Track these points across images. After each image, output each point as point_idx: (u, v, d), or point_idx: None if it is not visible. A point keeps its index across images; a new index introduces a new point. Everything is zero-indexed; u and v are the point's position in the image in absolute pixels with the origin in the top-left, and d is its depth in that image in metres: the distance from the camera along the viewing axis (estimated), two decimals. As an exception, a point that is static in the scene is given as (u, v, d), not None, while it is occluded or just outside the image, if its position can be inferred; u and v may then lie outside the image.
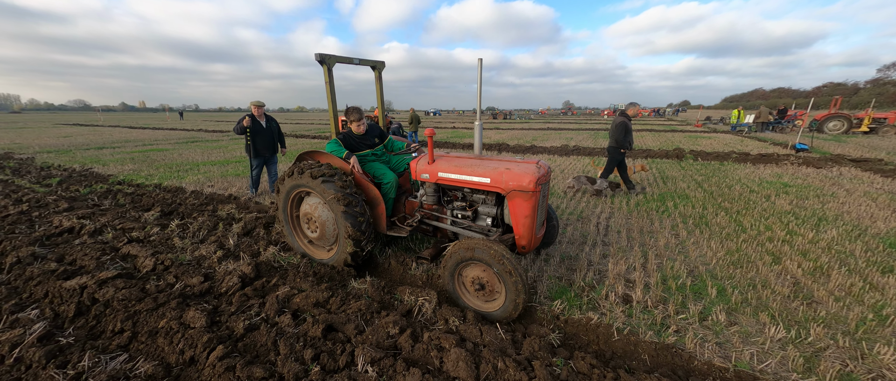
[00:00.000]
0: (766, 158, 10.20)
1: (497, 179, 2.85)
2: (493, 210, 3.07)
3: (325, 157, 3.48)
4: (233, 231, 4.40)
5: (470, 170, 2.99)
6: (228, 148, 14.51)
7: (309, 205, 3.44)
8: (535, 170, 2.81)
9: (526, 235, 2.88)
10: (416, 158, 3.37)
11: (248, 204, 5.91)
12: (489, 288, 2.70)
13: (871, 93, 54.40)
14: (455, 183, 3.08)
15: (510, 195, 2.82)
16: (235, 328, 2.44)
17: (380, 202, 3.30)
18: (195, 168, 9.55)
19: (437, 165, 3.16)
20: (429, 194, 3.34)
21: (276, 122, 6.34)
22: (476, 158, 3.18)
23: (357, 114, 3.46)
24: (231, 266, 3.35)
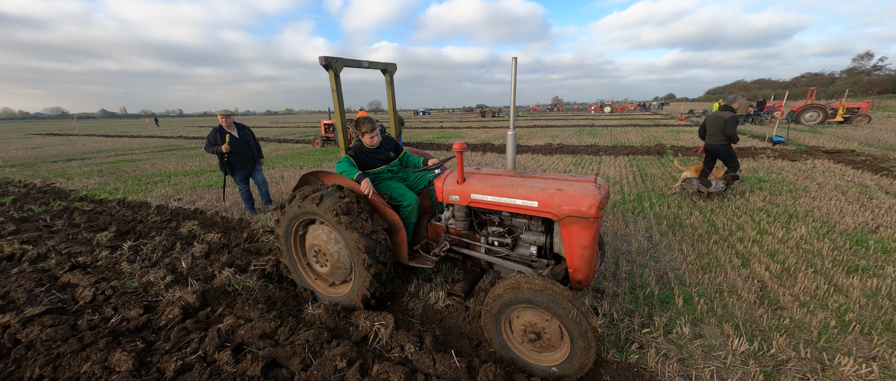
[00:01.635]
0: (743, 152, 10.32)
1: (547, 203, 2.35)
2: (541, 238, 2.59)
3: (333, 177, 3.02)
4: (190, 252, 4.17)
5: (511, 191, 2.48)
6: (206, 156, 14.08)
7: (316, 234, 2.96)
8: (595, 191, 2.28)
9: (583, 268, 2.38)
10: (440, 176, 2.89)
11: (213, 219, 5.67)
12: (546, 338, 2.22)
13: (846, 82, 56.14)
14: (492, 206, 2.60)
15: (564, 222, 2.31)
16: (166, 370, 2.25)
17: (400, 228, 2.85)
18: (165, 180, 9.20)
19: (470, 186, 2.67)
20: (458, 218, 2.87)
21: (249, 130, 5.78)
22: (515, 176, 2.68)
23: (370, 124, 3.01)
24: (177, 294, 3.14)
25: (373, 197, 2.84)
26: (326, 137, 16.07)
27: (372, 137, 3.05)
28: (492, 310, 2.30)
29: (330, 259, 2.92)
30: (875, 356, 2.40)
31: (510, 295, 2.17)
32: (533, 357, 2.31)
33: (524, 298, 2.12)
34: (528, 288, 2.10)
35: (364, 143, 3.11)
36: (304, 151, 14.62)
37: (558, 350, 2.23)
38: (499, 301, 2.25)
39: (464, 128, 25.90)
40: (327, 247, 2.89)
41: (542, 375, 2.25)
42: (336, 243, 2.88)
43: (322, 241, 2.91)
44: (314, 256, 3.05)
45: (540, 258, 2.63)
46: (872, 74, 60.59)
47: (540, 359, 2.29)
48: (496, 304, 2.26)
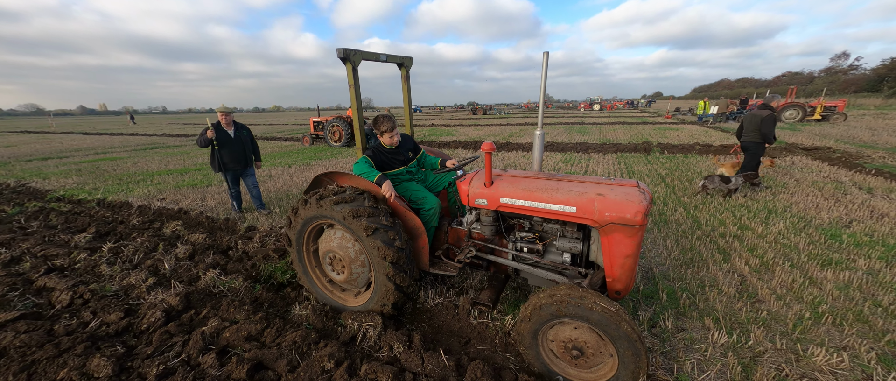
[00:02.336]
0: (727, 150, 10.59)
1: (587, 209, 2.18)
2: (577, 246, 2.42)
3: (350, 179, 2.83)
4: (173, 254, 4.07)
5: (546, 195, 2.33)
6: (191, 154, 13.76)
7: (331, 240, 2.77)
8: (640, 197, 2.13)
9: (624, 278, 2.23)
10: (465, 178, 2.72)
11: (198, 219, 5.54)
12: (590, 354, 2.06)
13: (824, 81, 58.07)
14: (523, 211, 2.46)
15: (606, 229, 2.15)
16: (147, 375, 2.20)
17: (421, 233, 2.69)
18: (148, 179, 8.95)
19: (499, 189, 2.51)
20: (485, 222, 2.71)
21: (248, 130, 5.53)
22: (548, 179, 2.53)
23: (389, 123, 2.83)
24: (160, 297, 3.07)
25: (395, 200, 2.68)
26: (315, 135, 15.85)
27: (391, 136, 2.87)
28: (530, 323, 2.14)
29: (347, 267, 2.75)
30: (845, 346, 2.50)
31: (554, 309, 2.00)
32: (573, 374, 2.17)
33: (572, 313, 1.96)
34: (577, 303, 1.93)
35: (382, 142, 2.93)
36: (292, 149, 14.41)
37: (602, 369, 2.07)
38: (539, 315, 2.08)
39: (455, 125, 25.90)
40: (344, 254, 2.72)
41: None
42: (354, 250, 2.71)
43: (338, 247, 2.74)
44: (329, 262, 2.88)
45: (573, 266, 2.49)
46: (849, 73, 62.81)
47: (581, 376, 2.15)
48: (536, 317, 2.10)
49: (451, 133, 19.44)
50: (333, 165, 10.14)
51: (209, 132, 5.02)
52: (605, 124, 22.53)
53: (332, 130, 15.01)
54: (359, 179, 2.78)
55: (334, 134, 15.00)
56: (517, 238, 2.66)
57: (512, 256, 2.72)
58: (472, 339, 2.72)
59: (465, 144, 13.99)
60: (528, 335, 2.19)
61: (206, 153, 13.98)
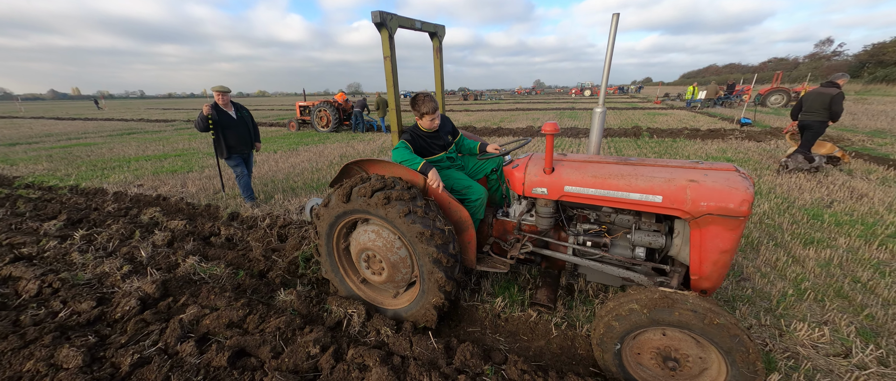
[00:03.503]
0: (714, 134, 10.71)
1: (676, 198, 1.90)
2: (658, 240, 2.14)
3: (387, 167, 2.49)
4: (150, 241, 3.90)
5: (623, 183, 2.05)
6: (171, 140, 13.23)
7: (367, 236, 2.45)
8: (744, 183, 1.83)
9: (715, 276, 1.98)
10: (518, 164, 2.43)
11: (178, 205, 5.33)
12: (687, 363, 1.81)
13: (809, 67, 59.10)
14: (592, 201, 2.19)
15: (701, 221, 1.87)
16: (121, 365, 2.10)
17: (468, 227, 2.41)
18: (125, 165, 8.57)
19: (563, 176, 2.23)
20: (542, 213, 2.43)
21: (247, 111, 5.14)
22: (622, 164, 2.25)
23: (431, 103, 2.52)
24: (135, 285, 2.93)
25: (443, 195, 2.39)
26: (302, 120, 15.40)
27: (433, 118, 2.56)
28: (613, 334, 1.87)
29: (387, 266, 2.44)
30: (827, 321, 2.56)
31: (653, 315, 1.73)
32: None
33: (676, 321, 1.68)
34: (685, 309, 1.67)
35: (421, 126, 2.63)
36: (279, 135, 13.99)
37: (703, 377, 1.82)
38: (623, 325, 1.82)
39: (446, 111, 25.48)
40: (383, 252, 2.41)
41: None
42: (395, 248, 2.41)
43: (375, 244, 2.42)
44: (365, 262, 2.56)
45: (647, 262, 2.23)
46: (832, 59, 64.07)
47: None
48: (620, 326, 1.84)
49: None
50: (321, 151, 9.87)
51: (205, 108, 4.59)
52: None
53: (320, 114, 14.59)
54: (399, 168, 2.45)
55: (322, 119, 14.59)
56: (580, 231, 2.41)
57: (572, 250, 2.46)
58: (462, 321, 2.69)
59: (455, 129, 13.78)
60: (610, 345, 1.90)
61: (188, 138, 13.47)
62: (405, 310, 2.57)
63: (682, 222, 2.07)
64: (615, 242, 2.35)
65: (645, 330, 1.83)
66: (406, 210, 2.18)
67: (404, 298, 2.66)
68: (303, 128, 15.50)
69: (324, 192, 5.91)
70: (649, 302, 1.76)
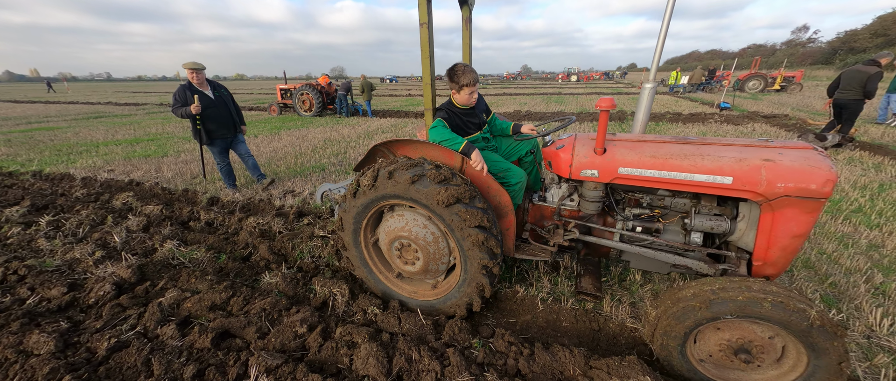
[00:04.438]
0: (695, 118, 10.97)
1: (749, 179, 1.78)
2: (721, 224, 2.01)
3: (423, 148, 2.29)
4: (124, 226, 3.73)
5: (687, 164, 1.90)
6: (142, 124, 12.57)
7: (400, 223, 2.27)
8: (827, 163, 1.71)
9: (783, 262, 1.89)
10: (563, 145, 2.28)
11: (153, 190, 5.10)
12: (761, 355, 1.73)
13: (785, 53, 60.88)
14: (649, 183, 2.04)
15: (776, 203, 1.76)
16: (97, 350, 2.02)
17: (509, 212, 2.27)
18: (92, 150, 8.11)
19: (617, 156, 2.08)
20: (590, 197, 2.28)
21: (226, 90, 4.66)
22: (682, 143, 2.09)
23: (472, 75, 2.30)
24: (109, 270, 2.81)
25: (488, 178, 2.23)
26: (283, 104, 14.87)
27: (472, 92, 2.35)
28: (680, 326, 1.74)
29: (423, 254, 2.27)
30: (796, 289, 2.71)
31: (735, 307, 1.60)
32: (734, 377, 1.84)
33: (760, 313, 1.57)
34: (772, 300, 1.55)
35: (456, 101, 2.41)
36: (259, 119, 13.50)
37: (777, 368, 1.73)
38: (693, 317, 1.69)
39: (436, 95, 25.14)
40: (418, 239, 2.24)
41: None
42: (432, 235, 2.24)
43: (410, 231, 2.24)
44: (398, 252, 2.38)
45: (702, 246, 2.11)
46: (807, 46, 66.11)
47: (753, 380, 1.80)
48: (697, 316, 1.69)
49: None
50: (304, 135, 9.58)
51: (194, 108, 4.12)
52: (582, 95, 22.66)
53: (302, 98, 14.11)
54: (432, 149, 2.25)
55: (304, 102, 14.13)
56: (629, 216, 2.28)
57: (619, 236, 2.33)
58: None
59: (442, 113, 13.61)
60: (678, 337, 1.77)
61: (162, 122, 12.82)
62: (443, 300, 2.39)
63: (747, 205, 1.96)
64: (667, 227, 2.22)
65: (720, 322, 1.69)
66: (458, 197, 2.01)
67: (441, 289, 2.46)
68: (284, 112, 14.99)
69: (310, 177, 5.77)
70: (730, 293, 1.62)
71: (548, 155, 2.40)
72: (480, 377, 1.86)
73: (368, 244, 2.52)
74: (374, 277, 2.55)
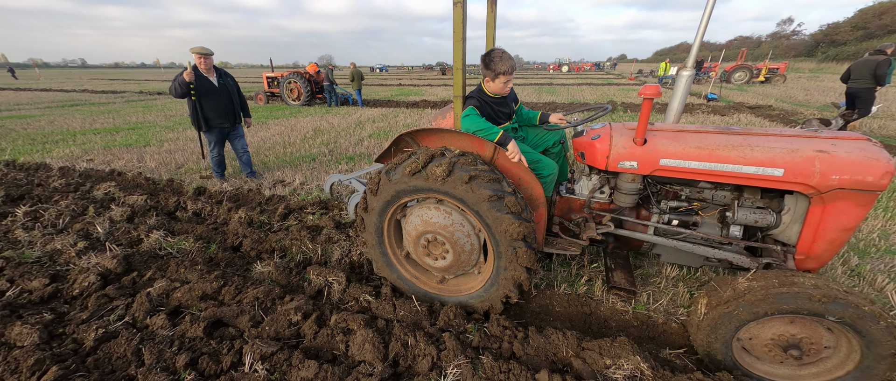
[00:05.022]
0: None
1: (802, 171, 1.72)
2: (766, 217, 1.97)
3: (446, 137, 2.17)
4: (107, 216, 3.61)
5: (735, 155, 1.84)
6: (122, 112, 12.10)
7: (427, 218, 2.17)
8: (884, 154, 1.67)
9: (827, 256, 1.86)
10: (599, 135, 2.18)
11: (136, 180, 4.94)
12: (812, 350, 1.69)
13: (770, 45, 62.01)
14: (693, 175, 1.97)
15: (828, 196, 1.72)
16: (84, 340, 1.98)
17: (541, 204, 2.17)
18: (70, 139, 7.78)
19: (658, 146, 2.00)
20: (626, 190, 2.20)
21: (233, 79, 4.53)
22: (727, 134, 2.02)
23: (510, 62, 2.18)
24: (93, 261, 2.73)
25: (525, 170, 2.12)
26: (270, 93, 14.48)
27: (508, 81, 2.23)
28: (737, 318, 1.68)
29: (452, 249, 2.19)
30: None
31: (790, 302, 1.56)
32: (782, 374, 1.80)
33: (815, 309, 1.54)
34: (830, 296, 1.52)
35: (489, 89, 2.29)
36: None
37: (825, 363, 1.71)
38: (758, 308, 1.63)
39: (423, 85, 24.87)
40: (448, 233, 2.14)
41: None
42: (463, 229, 2.15)
43: (439, 225, 2.15)
44: (425, 247, 2.29)
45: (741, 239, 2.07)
46: (791, 38, 67.44)
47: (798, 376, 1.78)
48: (749, 312, 1.65)
49: (419, 93, 18.67)
50: (293, 125, 9.38)
51: (187, 74, 3.96)
52: (573, 85, 22.72)
53: (290, 86, 13.76)
54: (460, 138, 2.13)
55: (292, 91, 13.79)
56: (666, 209, 2.21)
57: (653, 230, 2.27)
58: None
59: (434, 104, 13.49)
60: (723, 334, 1.74)
61: (143, 111, 12.36)
62: (476, 296, 2.30)
63: (794, 197, 1.92)
64: (705, 220, 2.17)
65: (770, 317, 1.65)
66: (498, 194, 1.92)
67: (471, 283, 2.38)
68: (271, 101, 14.61)
69: (299, 167, 5.67)
70: (788, 288, 1.58)
71: (580, 146, 2.31)
72: (476, 360, 1.89)
73: (392, 239, 2.42)
74: (393, 268, 2.46)
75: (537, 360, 1.95)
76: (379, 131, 8.27)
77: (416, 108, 13.00)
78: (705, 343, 1.83)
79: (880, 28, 47.40)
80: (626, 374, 1.79)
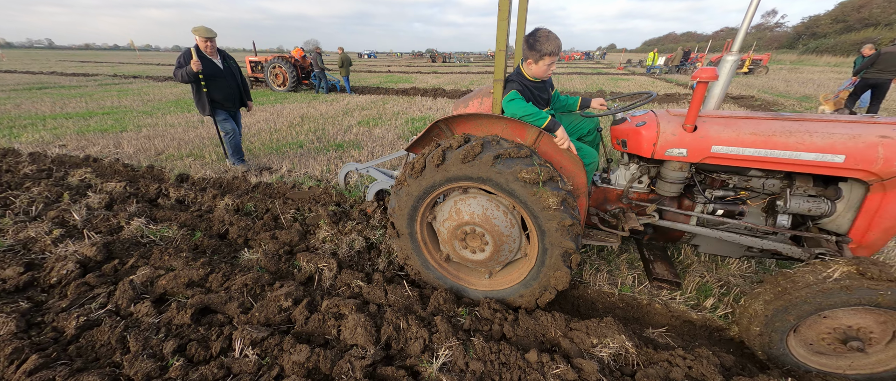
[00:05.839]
0: (670, 98, 11.30)
1: (864, 158, 1.67)
2: (821, 206, 1.90)
3: (488, 124, 2.05)
4: (84, 203, 3.47)
5: (794, 141, 1.76)
6: (95, 96, 11.53)
7: (466, 208, 2.07)
8: None
9: (877, 245, 1.84)
10: (645, 122, 2.09)
11: (113, 166, 4.75)
12: (873, 342, 1.67)
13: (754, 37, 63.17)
14: (747, 162, 1.90)
15: (890, 183, 1.68)
16: (65, 329, 1.92)
17: (582, 194, 2.07)
18: (39, 123, 7.38)
19: (710, 133, 1.92)
20: (671, 179, 2.12)
21: (234, 60, 4.37)
22: (778, 119, 1.93)
23: (557, 42, 2.02)
24: (71, 248, 2.63)
25: (571, 158, 2.00)
26: (254, 78, 13.99)
27: (552, 64, 2.09)
28: (796, 311, 1.63)
29: (492, 241, 2.09)
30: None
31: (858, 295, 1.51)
32: (838, 366, 1.76)
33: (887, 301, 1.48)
34: None
35: (530, 73, 2.16)
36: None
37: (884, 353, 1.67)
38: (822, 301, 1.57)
39: (413, 73, 24.44)
40: (488, 224, 2.05)
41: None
42: (505, 220, 2.04)
43: (478, 216, 2.05)
44: (462, 239, 2.19)
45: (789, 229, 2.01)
46: (775, 30, 68.80)
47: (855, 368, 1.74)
48: (811, 305, 1.59)
49: (409, 80, 18.35)
50: (279, 111, 9.11)
51: (194, 64, 3.81)
52: (563, 75, 22.71)
53: (275, 71, 13.32)
54: (510, 126, 2.00)
55: (277, 77, 13.36)
56: (710, 198, 2.14)
57: (696, 220, 2.20)
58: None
59: (424, 92, 13.31)
60: (778, 329, 1.70)
61: (118, 95, 11.79)
62: (512, 291, 2.21)
63: (849, 185, 1.87)
64: (750, 209, 2.12)
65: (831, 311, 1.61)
66: (549, 177, 1.83)
67: (507, 278, 2.28)
68: (255, 86, 14.14)
69: (286, 154, 5.54)
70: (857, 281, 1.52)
71: (621, 133, 2.23)
72: (467, 342, 1.93)
73: (424, 230, 2.32)
74: (427, 264, 2.36)
75: (527, 341, 2.00)
76: (368, 119, 8.13)
77: (405, 95, 12.80)
78: (758, 334, 1.77)
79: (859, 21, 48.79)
80: (612, 352, 1.86)
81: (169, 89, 13.72)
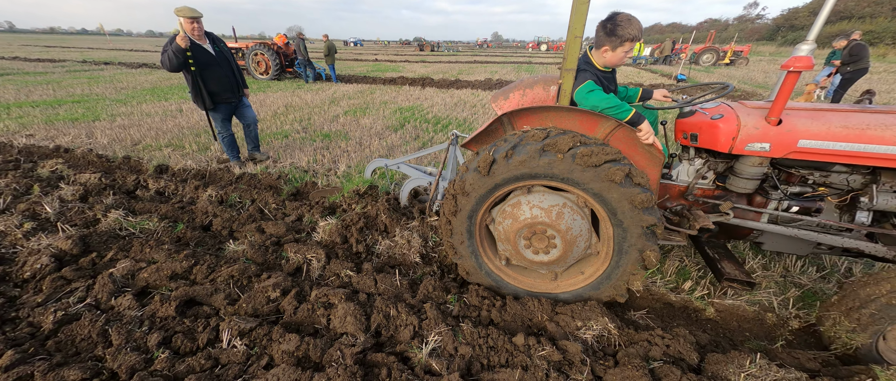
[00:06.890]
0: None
1: None
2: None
3: (555, 116, 1.92)
4: (56, 195, 3.32)
5: (891, 133, 1.68)
6: (63, 83, 10.92)
7: (532, 207, 1.96)
8: None
9: None
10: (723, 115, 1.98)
11: (87, 157, 4.54)
12: None
13: (737, 29, 64.45)
14: (836, 157, 1.79)
15: None
16: (42, 324, 1.86)
17: (654, 190, 2.01)
18: (3, 112, 6.97)
19: (798, 126, 1.81)
20: (747, 174, 2.02)
21: (225, 45, 3.91)
22: (869, 112, 1.85)
23: (638, 26, 1.90)
24: (45, 242, 2.53)
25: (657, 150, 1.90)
26: (235, 64, 13.47)
27: (628, 51, 1.96)
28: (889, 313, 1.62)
29: (562, 242, 1.96)
30: (729, 240, 3.05)
31: None
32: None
33: None
34: None
35: (601, 62, 2.04)
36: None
37: None
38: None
39: (401, 62, 24.01)
40: (558, 224, 1.92)
41: None
42: (580, 221, 1.93)
43: (547, 216, 1.92)
44: (526, 240, 2.06)
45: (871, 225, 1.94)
46: (755, 22, 70.35)
47: None
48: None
49: (397, 69, 18.05)
50: (262, 100, 8.84)
51: (180, 39, 3.30)
52: (552, 64, 22.75)
53: (257, 59, 12.88)
54: (582, 119, 1.89)
55: (259, 64, 12.92)
56: (786, 193, 2.04)
57: (769, 218, 2.10)
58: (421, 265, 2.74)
59: (412, 81, 13.12)
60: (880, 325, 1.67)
61: (88, 82, 11.19)
62: (585, 291, 2.12)
63: None
64: (827, 205, 2.03)
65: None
66: (625, 171, 1.71)
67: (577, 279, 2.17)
68: (237, 73, 13.63)
69: (271, 144, 5.40)
70: None
71: (691, 127, 2.14)
72: (456, 327, 1.96)
73: (482, 231, 2.22)
74: (480, 264, 2.25)
75: (514, 325, 2.05)
76: (355, 108, 7.99)
77: (393, 84, 12.59)
78: (847, 336, 1.75)
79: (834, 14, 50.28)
80: (595, 334, 1.93)
81: (144, 77, 13.10)
